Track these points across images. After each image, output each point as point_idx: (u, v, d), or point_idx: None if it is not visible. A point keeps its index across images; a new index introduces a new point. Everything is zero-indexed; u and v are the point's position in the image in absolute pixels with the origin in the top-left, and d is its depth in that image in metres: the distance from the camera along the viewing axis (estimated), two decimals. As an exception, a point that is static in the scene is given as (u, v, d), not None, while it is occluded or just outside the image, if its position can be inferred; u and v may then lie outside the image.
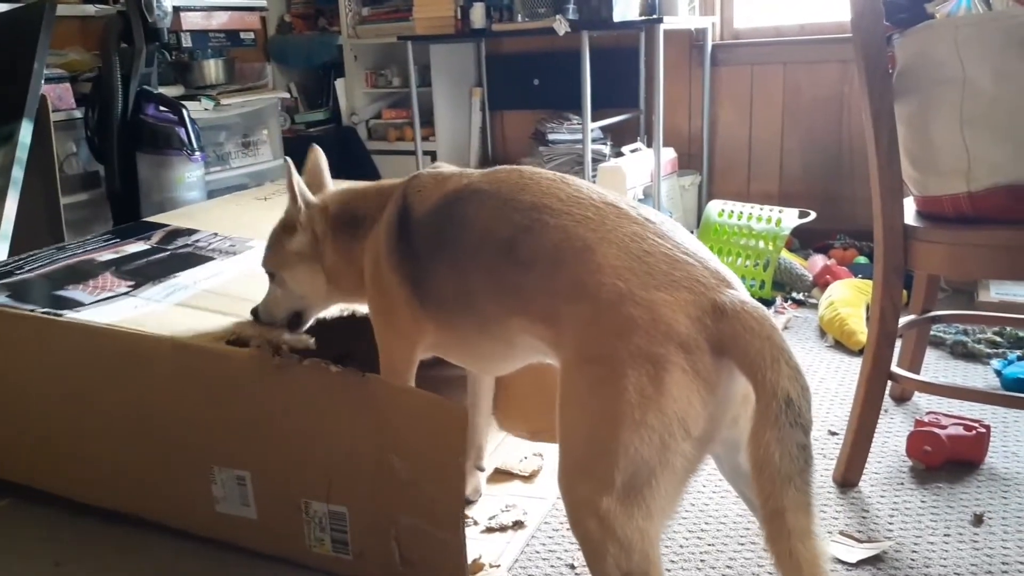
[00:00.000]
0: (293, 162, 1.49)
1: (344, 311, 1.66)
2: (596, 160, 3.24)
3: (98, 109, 2.85)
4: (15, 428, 1.72)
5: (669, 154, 3.36)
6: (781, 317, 2.65)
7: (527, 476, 1.75)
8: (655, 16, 3.10)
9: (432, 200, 1.32)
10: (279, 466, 1.46)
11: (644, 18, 3.11)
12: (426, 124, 3.71)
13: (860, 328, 2.36)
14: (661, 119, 3.09)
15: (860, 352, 2.26)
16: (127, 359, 1.55)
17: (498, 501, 1.66)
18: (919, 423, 1.78)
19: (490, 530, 1.57)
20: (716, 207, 3.01)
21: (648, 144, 3.41)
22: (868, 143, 1.55)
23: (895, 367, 1.64)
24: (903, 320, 1.76)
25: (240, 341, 1.47)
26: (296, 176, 1.48)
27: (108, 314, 1.61)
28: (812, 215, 2.91)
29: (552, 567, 1.47)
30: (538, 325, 1.16)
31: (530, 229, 1.15)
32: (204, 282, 1.81)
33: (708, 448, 1.05)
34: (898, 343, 1.77)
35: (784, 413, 0.96)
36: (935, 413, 1.83)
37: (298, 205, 1.48)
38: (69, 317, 1.59)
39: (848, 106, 3.22)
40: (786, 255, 2.90)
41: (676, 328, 1.00)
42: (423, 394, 1.34)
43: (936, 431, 1.72)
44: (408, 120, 3.76)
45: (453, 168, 1.40)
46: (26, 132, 2.46)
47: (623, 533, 1.01)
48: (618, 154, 3.31)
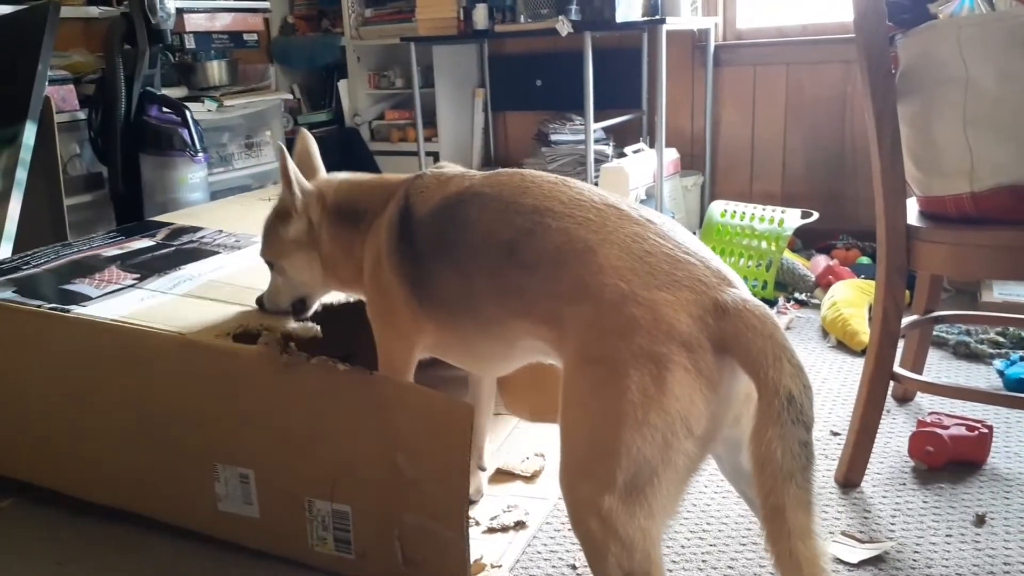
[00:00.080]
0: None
1: (350, 297, 1.65)
2: (599, 161, 3.24)
3: (102, 110, 2.86)
4: (17, 425, 1.72)
5: (672, 155, 3.36)
6: (784, 317, 2.65)
7: (529, 476, 1.75)
8: (658, 17, 3.11)
9: (434, 201, 1.32)
10: (283, 464, 1.46)
11: (647, 19, 3.11)
12: (429, 125, 3.71)
13: (863, 328, 2.36)
14: (664, 120, 3.09)
15: (862, 352, 2.26)
16: (132, 355, 1.55)
17: (500, 501, 1.66)
18: (921, 423, 1.78)
19: (492, 530, 1.57)
20: (719, 207, 3.00)
21: (651, 145, 3.41)
22: (871, 143, 1.55)
23: (897, 367, 1.64)
24: (906, 320, 1.75)
25: (246, 333, 1.47)
26: (290, 162, 1.47)
27: (115, 307, 1.61)
28: (815, 215, 2.91)
29: (554, 567, 1.46)
30: (541, 327, 1.16)
31: (532, 232, 1.16)
32: (210, 274, 1.81)
33: (710, 447, 1.05)
34: (901, 343, 1.77)
35: (786, 410, 0.96)
36: (937, 413, 1.82)
37: (293, 191, 1.47)
38: (76, 312, 1.59)
39: (851, 106, 3.22)
40: (789, 255, 2.90)
41: (678, 327, 1.00)
42: (429, 392, 1.34)
43: (938, 431, 1.71)
44: (411, 121, 3.77)
45: (456, 168, 1.39)
46: (30, 133, 2.47)
47: (625, 532, 1.01)
48: (621, 155, 3.31)
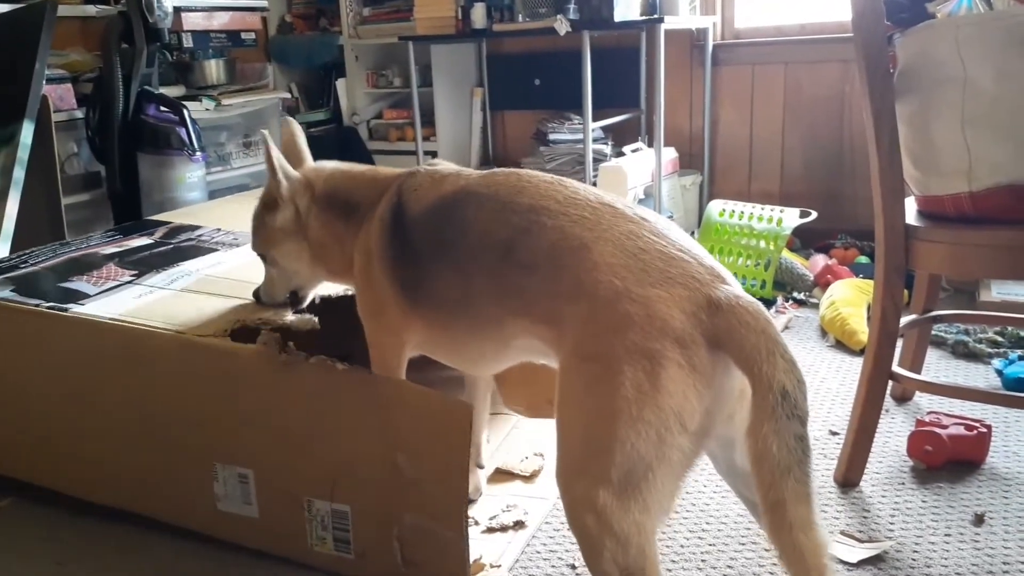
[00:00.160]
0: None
1: (348, 290, 1.64)
2: (597, 160, 3.23)
3: (99, 109, 2.85)
4: (17, 425, 1.71)
5: (670, 154, 3.36)
6: (782, 317, 2.65)
7: (528, 476, 1.75)
8: (656, 16, 3.10)
9: (429, 200, 1.31)
10: (282, 464, 1.46)
11: (645, 18, 3.11)
12: (427, 124, 3.71)
13: (861, 328, 2.36)
14: (662, 119, 3.09)
15: (861, 352, 2.26)
16: (132, 355, 1.55)
17: (499, 501, 1.66)
18: (920, 423, 1.78)
19: (491, 530, 1.57)
20: (717, 207, 3.00)
21: (649, 144, 3.40)
22: (869, 143, 1.55)
23: (896, 367, 1.64)
24: (904, 320, 1.76)
25: (244, 329, 1.46)
26: (275, 150, 1.46)
27: (113, 304, 1.61)
28: (813, 215, 2.91)
29: (553, 567, 1.46)
30: (540, 326, 1.16)
31: (528, 231, 1.16)
32: (207, 269, 1.80)
33: (704, 443, 1.06)
34: (899, 343, 1.77)
35: (780, 405, 0.96)
36: (936, 413, 1.82)
37: (278, 179, 1.47)
38: (75, 312, 1.59)
39: (849, 106, 3.22)
40: (787, 255, 2.90)
41: (671, 324, 1.01)
42: (429, 392, 1.34)
43: (937, 431, 1.71)
44: (409, 120, 3.77)
45: (450, 167, 1.39)
46: (27, 132, 2.47)
47: (620, 528, 1.01)
48: (619, 154, 3.31)
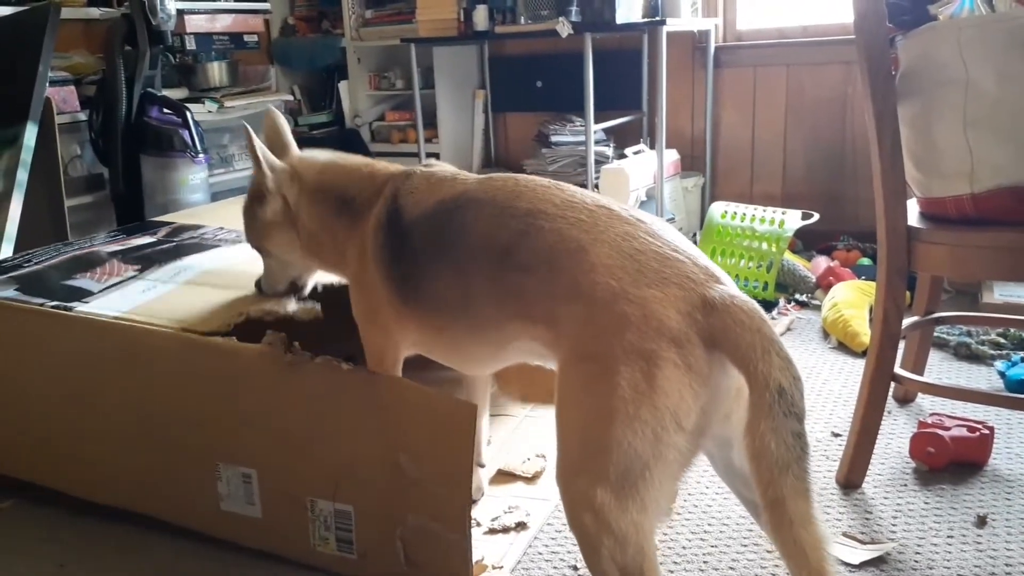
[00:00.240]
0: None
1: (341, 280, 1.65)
2: (599, 162, 3.24)
3: (102, 112, 2.86)
4: (18, 426, 1.72)
5: (672, 156, 3.36)
6: (784, 319, 2.65)
7: (530, 477, 1.75)
8: (658, 18, 3.11)
9: (427, 204, 1.31)
10: (286, 464, 1.46)
11: (647, 20, 3.12)
12: (429, 126, 3.71)
13: (863, 330, 2.36)
14: (664, 121, 3.09)
15: (863, 354, 2.26)
16: (133, 355, 1.55)
17: (501, 502, 1.66)
18: (922, 424, 1.78)
19: (493, 531, 1.57)
20: (719, 209, 3.00)
21: (651, 146, 3.41)
22: (871, 145, 1.55)
23: (898, 368, 1.64)
24: (906, 321, 1.75)
25: (248, 322, 1.46)
26: (257, 141, 1.45)
27: (117, 301, 1.61)
28: (815, 217, 2.91)
29: (555, 568, 1.47)
30: (539, 328, 1.17)
31: (526, 234, 1.17)
32: (209, 263, 1.81)
33: (701, 442, 1.06)
34: (901, 344, 1.77)
35: (777, 403, 0.97)
36: (938, 415, 1.82)
37: (263, 170, 1.46)
38: (78, 311, 1.59)
39: (851, 108, 3.22)
40: (789, 257, 2.90)
41: (667, 324, 1.02)
42: (432, 393, 1.35)
43: (939, 433, 1.71)
44: (411, 122, 3.77)
45: (446, 169, 1.39)
46: (31, 135, 2.47)
47: (618, 526, 1.02)
48: (621, 156, 3.31)
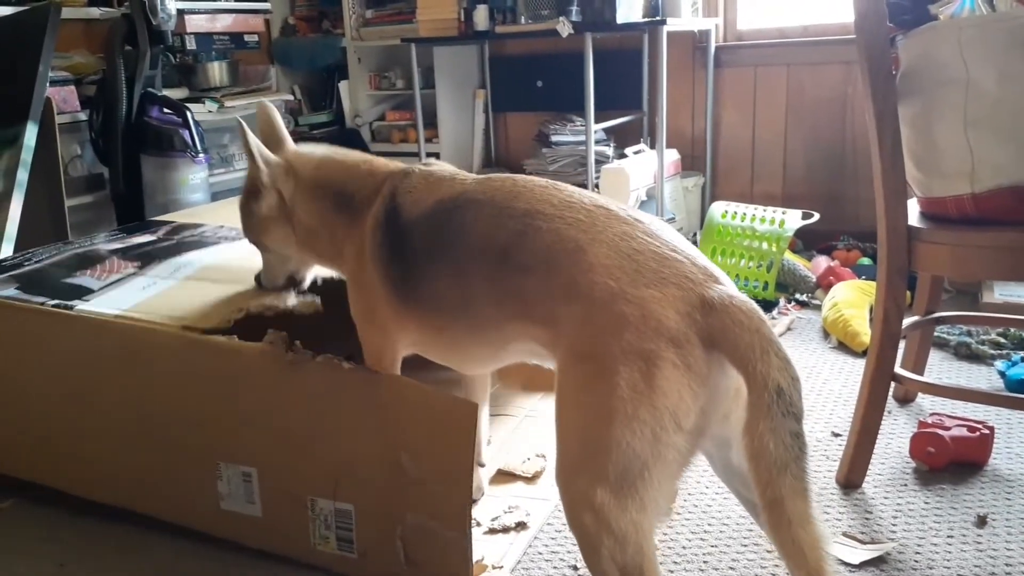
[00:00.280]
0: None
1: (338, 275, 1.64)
2: (599, 162, 3.24)
3: (102, 111, 2.86)
4: (18, 425, 1.72)
5: (672, 156, 3.36)
6: (784, 319, 2.65)
7: (530, 477, 1.75)
8: (658, 18, 3.11)
9: (426, 204, 1.31)
10: (286, 462, 1.46)
11: (647, 20, 3.12)
12: (429, 126, 3.71)
13: (864, 329, 2.36)
14: (664, 121, 3.09)
15: (863, 353, 2.26)
16: (133, 354, 1.55)
17: (501, 502, 1.66)
18: (923, 424, 1.78)
19: (493, 531, 1.57)
20: (719, 208, 3.00)
21: (651, 146, 3.41)
22: (872, 144, 1.55)
23: (899, 368, 1.64)
24: (907, 321, 1.75)
25: (248, 317, 1.46)
26: (251, 136, 1.44)
27: (117, 299, 1.60)
28: (815, 216, 2.91)
29: (555, 568, 1.46)
30: (538, 328, 1.17)
31: (525, 234, 1.17)
32: (208, 259, 1.81)
33: (700, 442, 1.07)
34: (902, 344, 1.77)
35: (776, 403, 0.97)
36: (939, 414, 1.82)
37: (257, 165, 1.45)
38: (78, 309, 1.58)
39: (852, 107, 3.22)
40: (789, 256, 2.90)
41: (666, 324, 1.02)
42: (433, 391, 1.35)
43: (940, 432, 1.71)
44: (411, 122, 3.77)
45: (445, 168, 1.38)
46: (31, 134, 2.48)
47: (618, 526, 1.02)
48: (621, 156, 3.31)
